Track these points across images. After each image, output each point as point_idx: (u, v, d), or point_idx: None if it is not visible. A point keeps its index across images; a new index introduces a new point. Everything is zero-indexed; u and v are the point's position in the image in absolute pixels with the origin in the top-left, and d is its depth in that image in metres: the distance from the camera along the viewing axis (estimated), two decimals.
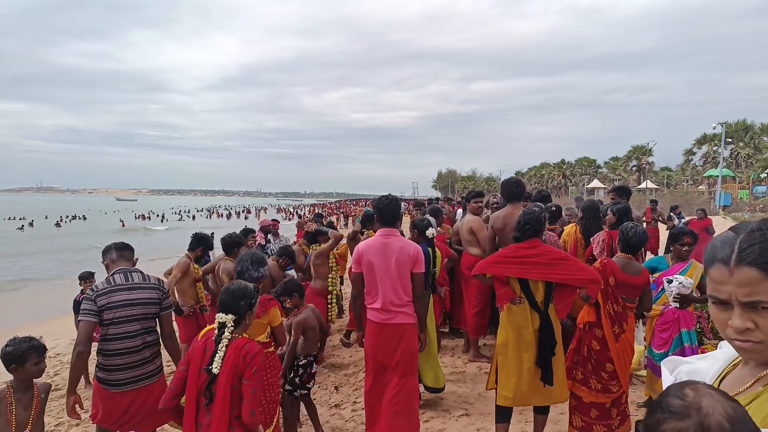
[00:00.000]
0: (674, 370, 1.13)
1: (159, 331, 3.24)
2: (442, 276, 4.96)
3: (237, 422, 2.26)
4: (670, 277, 3.90)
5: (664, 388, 1.08)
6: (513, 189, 4.68)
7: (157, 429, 3.34)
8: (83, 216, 56.10)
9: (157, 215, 63.34)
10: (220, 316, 2.34)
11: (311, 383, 3.92)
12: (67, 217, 55.42)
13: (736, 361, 1.05)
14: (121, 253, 3.24)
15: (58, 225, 44.19)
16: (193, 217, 62.80)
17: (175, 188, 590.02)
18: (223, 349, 2.27)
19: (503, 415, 3.49)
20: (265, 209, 70.25)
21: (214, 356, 2.26)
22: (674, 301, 3.84)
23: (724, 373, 1.05)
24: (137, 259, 3.42)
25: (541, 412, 3.52)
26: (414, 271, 3.46)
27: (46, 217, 52.04)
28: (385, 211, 3.62)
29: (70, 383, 2.99)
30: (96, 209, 78.25)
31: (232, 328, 2.33)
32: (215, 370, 2.24)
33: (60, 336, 7.96)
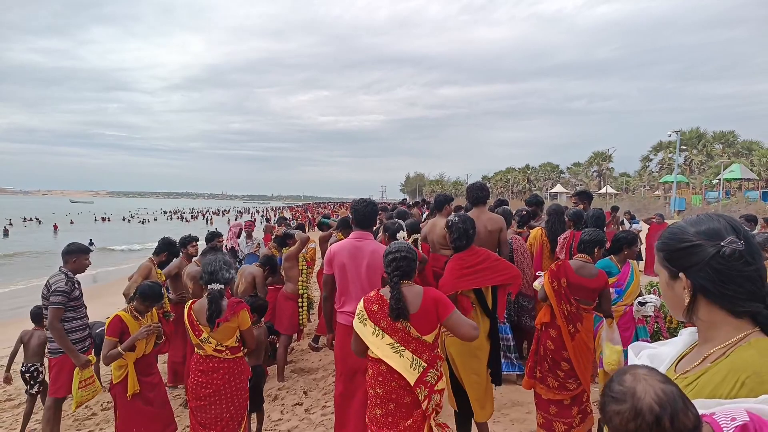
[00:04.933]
0: (638, 353, 1.24)
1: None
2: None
3: None
4: (643, 299, 4.06)
5: None
6: (478, 193, 4.75)
7: None
8: (38, 219, 53.39)
9: (123, 218, 61.29)
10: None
11: None
12: (23, 219, 52.56)
13: (693, 344, 1.17)
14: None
15: (5, 233, 37.19)
16: (155, 219, 61.15)
17: (135, 190, 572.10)
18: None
19: (463, 427, 3.51)
20: (241, 212, 69.10)
21: None
22: (644, 316, 4.08)
23: (682, 355, 1.18)
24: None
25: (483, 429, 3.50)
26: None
27: None
28: (361, 214, 3.60)
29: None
30: (49, 211, 74.28)
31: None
32: None
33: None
